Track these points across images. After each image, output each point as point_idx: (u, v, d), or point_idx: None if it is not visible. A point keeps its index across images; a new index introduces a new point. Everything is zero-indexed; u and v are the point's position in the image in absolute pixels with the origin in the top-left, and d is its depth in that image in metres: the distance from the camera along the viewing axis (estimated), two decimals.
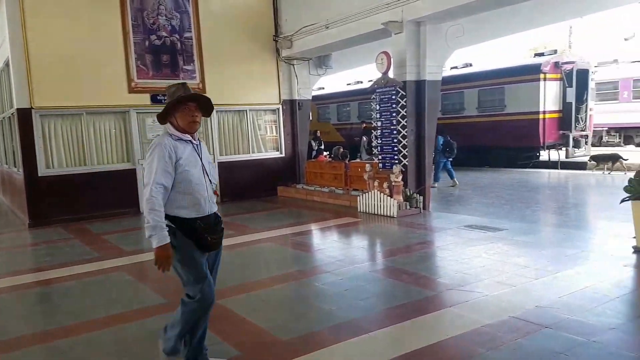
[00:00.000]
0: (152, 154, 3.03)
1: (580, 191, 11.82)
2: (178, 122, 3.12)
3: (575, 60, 15.53)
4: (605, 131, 21.98)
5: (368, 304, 4.71)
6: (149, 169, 3.01)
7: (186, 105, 3.11)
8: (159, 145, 3.03)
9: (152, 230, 2.92)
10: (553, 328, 3.89)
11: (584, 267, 5.46)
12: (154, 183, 2.95)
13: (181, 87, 3.15)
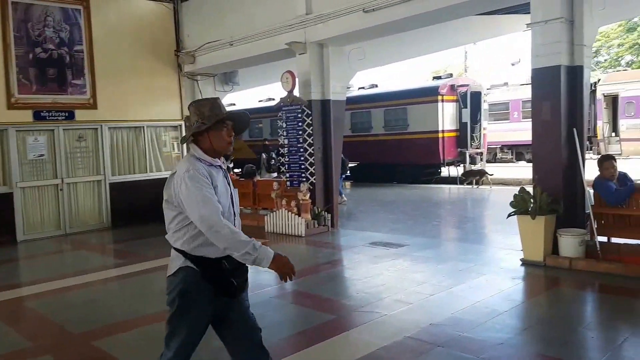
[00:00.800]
0: (191, 181, 2.47)
1: (477, 205, 12.52)
2: (212, 143, 2.61)
3: (469, 83, 16.62)
4: (499, 148, 23.66)
5: (265, 334, 4.52)
6: (193, 200, 2.45)
7: (225, 123, 2.64)
8: (195, 171, 2.50)
9: (254, 252, 2.46)
10: (445, 347, 3.99)
11: (476, 281, 5.70)
12: (215, 211, 2.45)
13: (217, 103, 2.67)
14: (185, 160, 2.62)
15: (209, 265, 2.55)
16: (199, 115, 2.61)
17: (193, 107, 2.67)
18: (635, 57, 32.06)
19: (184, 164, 2.57)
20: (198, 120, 2.61)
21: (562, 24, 6.03)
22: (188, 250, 2.55)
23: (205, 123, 2.58)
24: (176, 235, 2.59)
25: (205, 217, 2.44)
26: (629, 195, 5.82)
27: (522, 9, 9.62)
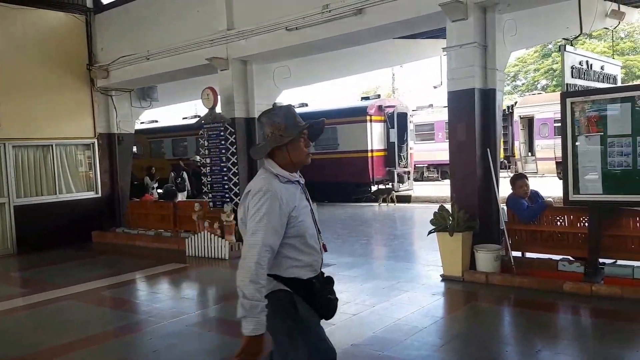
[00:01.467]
0: (260, 202, 2.27)
1: (404, 223, 12.76)
2: (291, 157, 2.40)
3: (396, 104, 17.11)
4: (425, 167, 24.48)
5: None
6: (257, 221, 2.25)
7: (303, 133, 2.42)
8: (268, 193, 2.28)
9: (250, 311, 2.18)
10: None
11: (398, 299, 5.72)
12: (263, 245, 2.22)
13: (292, 112, 2.44)
14: (261, 177, 2.39)
15: (303, 287, 2.39)
16: (274, 126, 2.39)
17: (266, 118, 2.44)
18: (550, 81, 34.45)
19: (258, 182, 2.36)
20: (274, 132, 2.38)
21: (476, 49, 6.29)
22: (278, 273, 2.36)
23: (284, 135, 2.37)
24: None
25: (249, 248, 2.23)
26: (540, 212, 6.10)
27: (442, 33, 10.04)
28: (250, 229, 2.27)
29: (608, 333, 4.45)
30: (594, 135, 5.41)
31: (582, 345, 4.31)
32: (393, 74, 31.94)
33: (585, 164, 5.52)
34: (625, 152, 5.20)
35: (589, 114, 5.46)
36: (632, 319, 4.76)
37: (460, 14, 6.24)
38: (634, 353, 3.97)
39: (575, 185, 5.55)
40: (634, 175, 5.22)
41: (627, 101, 5.22)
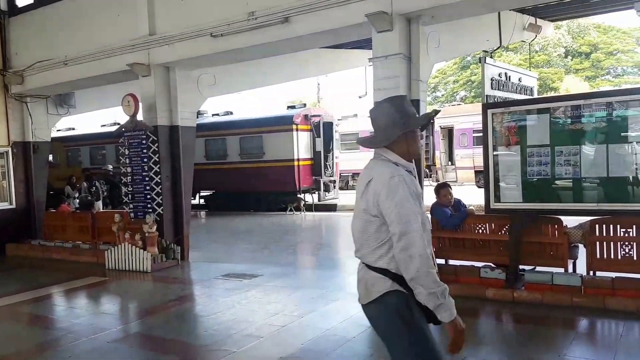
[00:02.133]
0: (399, 188, 2.16)
1: (331, 232, 12.82)
2: (409, 148, 2.34)
3: (322, 113, 17.24)
4: (350, 176, 24.84)
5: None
6: (397, 212, 2.14)
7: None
8: (402, 178, 2.19)
9: (443, 296, 2.11)
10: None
11: (327, 308, 5.66)
12: (416, 231, 2.12)
13: (409, 102, 2.38)
14: (382, 165, 2.31)
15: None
16: (401, 113, 2.33)
17: (392, 104, 2.37)
18: (468, 92, 36.33)
19: (383, 170, 2.26)
20: (401, 120, 2.32)
21: (401, 60, 6.40)
22: (395, 270, 2.20)
23: (408, 123, 2.33)
24: (378, 252, 2.25)
25: (406, 236, 2.13)
26: (463, 220, 6.29)
27: (367, 44, 10.23)
28: (397, 220, 2.16)
29: (531, 338, 4.60)
30: (514, 146, 5.64)
31: (506, 350, 4.44)
32: (318, 83, 32.30)
33: (505, 173, 5.74)
34: (543, 162, 5.45)
35: (508, 124, 5.70)
36: (552, 324, 4.96)
37: (386, 25, 6.33)
38: (556, 357, 4.12)
39: (496, 194, 5.77)
40: (552, 184, 5.48)
41: (545, 112, 5.48)
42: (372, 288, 2.28)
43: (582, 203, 5.35)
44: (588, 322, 4.95)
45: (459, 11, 6.54)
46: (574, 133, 5.36)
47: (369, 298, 2.30)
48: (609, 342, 4.53)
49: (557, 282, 5.44)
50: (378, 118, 2.39)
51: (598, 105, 5.22)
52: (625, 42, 33.29)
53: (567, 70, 34.07)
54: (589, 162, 5.27)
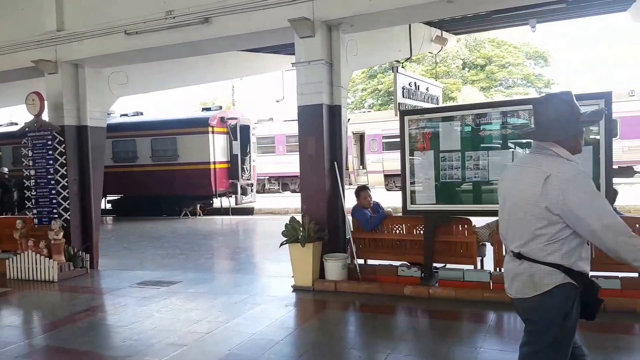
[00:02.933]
0: (589, 184, 2.25)
1: (249, 235, 12.72)
2: (576, 145, 2.40)
3: (238, 116, 17.06)
4: (267, 179, 24.81)
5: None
6: (593, 207, 2.20)
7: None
8: (584, 174, 2.29)
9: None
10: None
11: (251, 313, 5.63)
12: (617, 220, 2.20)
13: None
14: (556, 161, 2.33)
15: (588, 283, 2.32)
16: (576, 111, 2.38)
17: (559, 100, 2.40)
18: (375, 100, 37.63)
19: (563, 166, 2.30)
20: (575, 117, 2.37)
21: (323, 66, 6.56)
22: (568, 264, 2.27)
23: (580, 122, 2.39)
24: (550, 248, 2.29)
25: (611, 227, 2.19)
26: (381, 222, 6.56)
27: (283, 49, 10.33)
28: (595, 215, 2.20)
29: (447, 333, 4.88)
30: (428, 151, 6.01)
31: (426, 345, 4.68)
32: (233, 86, 31.89)
33: (420, 177, 6.09)
34: (455, 166, 5.86)
35: (423, 131, 6.06)
36: (466, 318, 5.30)
37: (308, 31, 6.45)
38: (472, 350, 4.40)
39: (412, 196, 6.10)
40: (462, 187, 5.90)
41: (457, 119, 5.91)
42: (542, 281, 2.33)
43: (490, 204, 5.77)
44: (498, 315, 5.32)
45: (376, 21, 6.82)
46: (482, 139, 5.79)
47: (537, 291, 2.34)
48: (519, 334, 4.86)
49: (468, 278, 5.83)
50: (547, 112, 2.41)
51: (504, 113, 5.67)
52: (515, 56, 36.24)
53: (465, 81, 36.46)
54: (496, 166, 5.71)
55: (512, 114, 5.65)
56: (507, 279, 2.51)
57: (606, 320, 4.90)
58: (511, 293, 2.50)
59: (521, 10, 8.15)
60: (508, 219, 2.47)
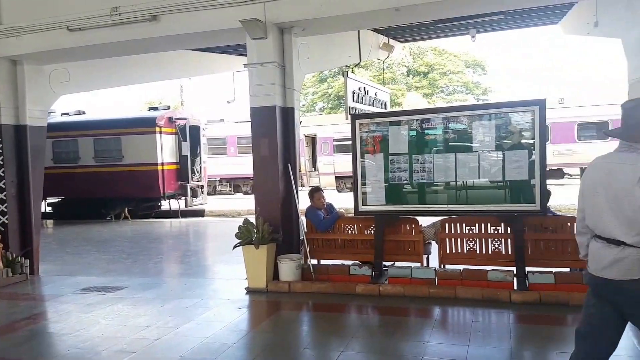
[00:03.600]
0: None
1: (200, 238, 12.50)
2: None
3: (188, 117, 16.73)
4: (218, 181, 24.48)
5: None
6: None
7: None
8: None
9: None
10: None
11: (203, 317, 5.55)
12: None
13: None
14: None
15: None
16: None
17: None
18: (326, 104, 37.92)
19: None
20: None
21: (276, 68, 6.56)
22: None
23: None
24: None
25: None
26: (334, 223, 6.64)
27: (234, 50, 10.24)
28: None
29: (397, 328, 5.01)
30: (378, 154, 6.17)
31: (376, 341, 4.78)
32: (181, 85, 31.23)
33: (371, 179, 6.23)
34: (403, 168, 6.05)
35: (373, 134, 6.20)
36: (414, 314, 5.47)
37: (260, 33, 6.43)
38: (420, 345, 4.54)
39: (364, 198, 6.22)
40: (410, 188, 6.11)
41: (405, 124, 6.11)
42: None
43: (435, 205, 6.04)
44: (444, 310, 5.52)
45: (327, 26, 6.89)
46: (429, 143, 6.02)
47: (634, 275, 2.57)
48: (463, 327, 5.12)
49: (415, 275, 6.04)
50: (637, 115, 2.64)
51: (450, 118, 5.93)
52: (456, 64, 37.61)
53: (409, 87, 37.46)
54: (441, 169, 5.94)
55: (454, 120, 5.91)
56: (601, 263, 2.70)
57: (542, 312, 5.23)
58: (609, 275, 2.67)
59: (463, 20, 8.46)
60: (601, 210, 2.68)
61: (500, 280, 5.73)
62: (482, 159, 5.81)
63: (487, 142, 5.80)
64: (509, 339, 4.56)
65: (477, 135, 5.85)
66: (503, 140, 5.73)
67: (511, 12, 8.19)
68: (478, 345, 4.45)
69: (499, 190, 5.82)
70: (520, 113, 5.66)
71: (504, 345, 4.45)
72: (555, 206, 11.44)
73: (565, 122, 19.60)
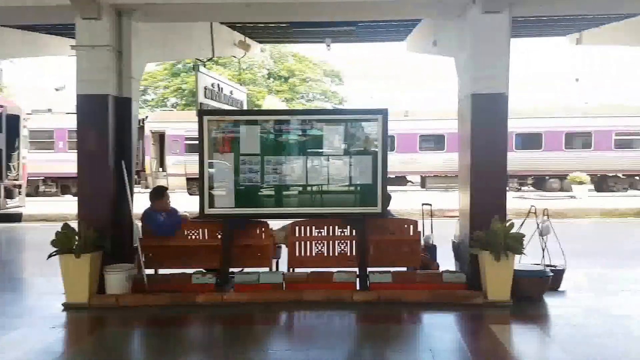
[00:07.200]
0: None
1: (15, 247, 10.84)
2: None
3: (5, 104, 14.40)
4: (42, 181, 21.64)
5: None
6: None
7: None
8: None
9: None
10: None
11: (7, 338, 4.65)
12: None
13: None
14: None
15: None
16: None
17: None
18: (179, 100, 36.18)
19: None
20: None
21: (110, 53, 5.85)
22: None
23: None
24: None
25: None
26: (177, 227, 6.07)
27: (66, 31, 9.04)
28: None
29: (239, 337, 4.72)
30: (228, 153, 5.80)
31: (216, 354, 4.42)
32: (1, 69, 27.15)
33: (219, 180, 5.85)
34: (254, 170, 5.78)
35: (223, 133, 5.83)
36: (259, 321, 5.24)
37: (93, 13, 5.71)
38: (261, 353, 4.35)
39: (210, 200, 5.80)
40: (261, 191, 5.86)
41: (257, 124, 5.86)
42: None
43: (288, 207, 5.91)
44: (289, 315, 5.40)
45: (171, 13, 6.41)
46: (281, 145, 5.86)
47: None
48: (306, 331, 5.05)
49: (263, 280, 5.78)
50: None
51: (303, 122, 5.85)
52: (315, 72, 38.91)
53: (270, 90, 37.70)
54: (293, 172, 5.83)
55: (305, 123, 5.85)
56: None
57: (380, 310, 5.39)
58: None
59: (317, 27, 8.53)
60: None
61: (345, 281, 5.78)
62: (331, 163, 5.87)
63: (336, 147, 5.89)
64: (349, 339, 4.62)
65: (327, 140, 5.89)
66: (350, 146, 5.86)
67: (363, 26, 8.46)
68: (319, 348, 4.41)
69: (346, 194, 5.92)
70: (366, 121, 5.87)
71: (344, 346, 4.47)
72: (398, 210, 12.24)
73: (409, 134, 21.42)
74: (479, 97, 5.77)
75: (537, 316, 5.25)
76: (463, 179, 6.21)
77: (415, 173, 22.82)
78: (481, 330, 5.02)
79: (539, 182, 21.83)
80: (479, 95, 5.77)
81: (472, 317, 5.23)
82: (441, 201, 13.87)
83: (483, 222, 5.55)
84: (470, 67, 5.87)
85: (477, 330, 5.07)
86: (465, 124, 6.02)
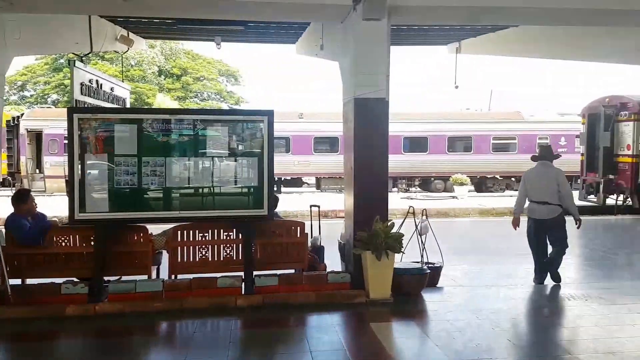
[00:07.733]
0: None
1: None
2: None
3: None
4: None
5: None
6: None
7: None
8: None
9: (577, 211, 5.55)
10: None
11: None
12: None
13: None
14: None
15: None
16: None
17: None
18: (61, 96, 33.54)
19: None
20: None
21: None
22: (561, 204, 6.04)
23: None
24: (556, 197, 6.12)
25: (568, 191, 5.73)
26: (45, 233, 5.61)
27: None
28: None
29: (111, 352, 4.47)
30: (102, 154, 5.42)
31: None
32: None
33: (92, 182, 5.45)
34: (131, 172, 5.42)
35: (97, 132, 5.43)
36: (134, 333, 4.96)
37: None
38: None
39: (82, 204, 5.39)
40: (139, 193, 5.50)
41: (135, 123, 5.49)
42: (555, 210, 6.26)
43: (167, 211, 5.62)
44: (168, 324, 5.18)
45: (42, 4, 5.90)
46: (161, 145, 5.56)
47: (554, 215, 6.26)
48: (184, 341, 4.82)
49: (140, 289, 5.49)
50: None
51: (185, 122, 5.60)
52: (209, 71, 37.88)
53: (161, 88, 36.13)
54: (174, 173, 5.58)
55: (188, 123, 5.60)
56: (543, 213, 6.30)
57: (265, 315, 5.37)
58: (545, 217, 6.29)
59: (205, 25, 8.30)
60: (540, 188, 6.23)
61: (230, 286, 5.66)
62: (215, 164, 5.70)
63: (221, 148, 5.73)
64: (230, 347, 4.50)
65: (211, 141, 5.71)
66: (236, 148, 5.74)
67: (253, 26, 8.37)
68: (199, 357, 4.29)
69: (231, 196, 5.78)
70: (252, 122, 5.76)
71: (223, 354, 4.35)
72: (289, 212, 12.26)
73: (304, 136, 21.44)
74: (361, 102, 5.93)
75: (414, 312, 5.51)
76: (348, 180, 6.36)
77: (311, 174, 22.94)
78: (362, 329, 5.15)
79: (426, 183, 22.72)
80: (361, 100, 5.93)
81: (354, 316, 5.38)
82: (335, 202, 14.23)
83: (366, 222, 5.72)
84: (352, 72, 6.03)
85: (357, 329, 5.21)
86: (349, 127, 6.17)
